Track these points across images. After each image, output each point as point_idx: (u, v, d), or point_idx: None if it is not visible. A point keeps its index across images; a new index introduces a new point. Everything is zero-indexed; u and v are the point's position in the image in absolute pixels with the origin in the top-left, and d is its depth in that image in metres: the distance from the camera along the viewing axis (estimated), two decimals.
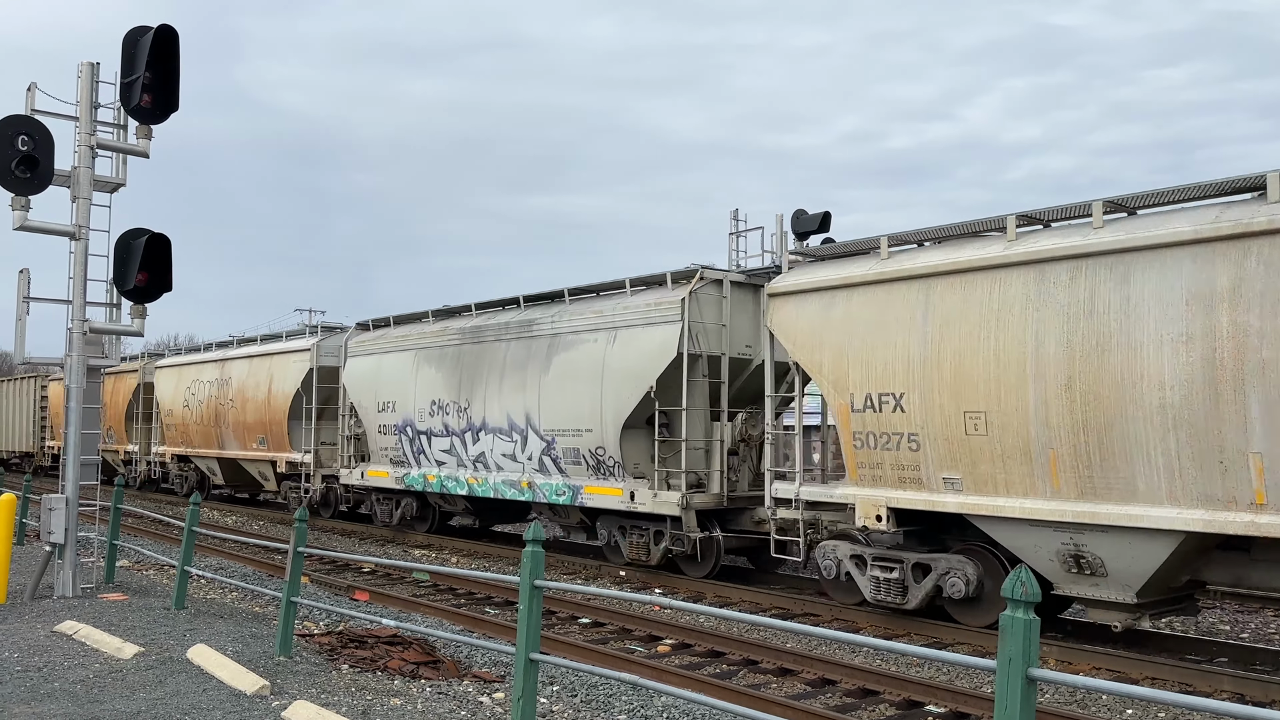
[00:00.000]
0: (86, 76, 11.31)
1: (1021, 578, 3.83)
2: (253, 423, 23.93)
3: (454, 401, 17.55)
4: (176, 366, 28.18)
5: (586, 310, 15.36)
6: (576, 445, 15.16)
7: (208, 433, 25.93)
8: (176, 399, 27.44)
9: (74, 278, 11.24)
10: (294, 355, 22.79)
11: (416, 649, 8.92)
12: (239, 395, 24.53)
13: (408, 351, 19.07)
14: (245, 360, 24.77)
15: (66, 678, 7.59)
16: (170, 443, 28.23)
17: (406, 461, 18.95)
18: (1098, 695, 8.75)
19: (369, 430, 19.85)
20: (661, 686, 5.61)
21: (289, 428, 22.65)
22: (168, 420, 28.04)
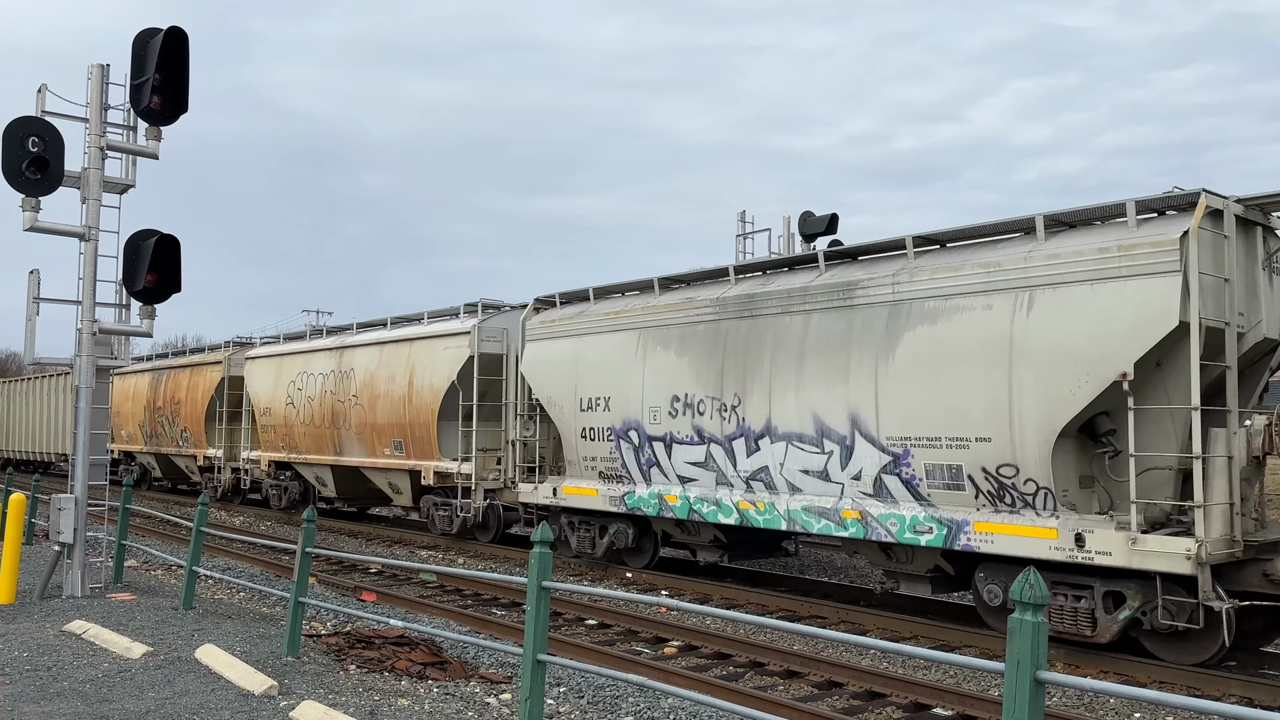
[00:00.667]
0: (96, 78, 11.36)
1: (1030, 580, 3.82)
2: (385, 424, 19.69)
3: (712, 397, 13.14)
4: (276, 357, 23.74)
5: (962, 263, 10.77)
6: (955, 461, 10.60)
7: (319, 436, 21.76)
8: (277, 395, 23.20)
9: (83, 279, 11.28)
10: (446, 340, 18.44)
11: (424, 650, 8.94)
12: (365, 390, 20.22)
13: (627, 332, 14.54)
14: (373, 348, 20.39)
15: (75, 677, 7.62)
16: (267, 447, 23.92)
17: (626, 476, 14.47)
18: (1105, 698, 8.73)
19: (565, 435, 15.50)
20: (668, 688, 5.61)
21: (438, 430, 18.40)
22: (264, 421, 23.72)
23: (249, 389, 24.72)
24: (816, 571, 16.44)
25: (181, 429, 28.10)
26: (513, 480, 17.00)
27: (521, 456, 16.98)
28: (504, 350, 17.73)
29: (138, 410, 30.72)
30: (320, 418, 21.63)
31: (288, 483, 23.97)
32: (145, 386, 30.60)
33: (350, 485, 21.89)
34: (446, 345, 18.42)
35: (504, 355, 17.71)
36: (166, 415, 28.85)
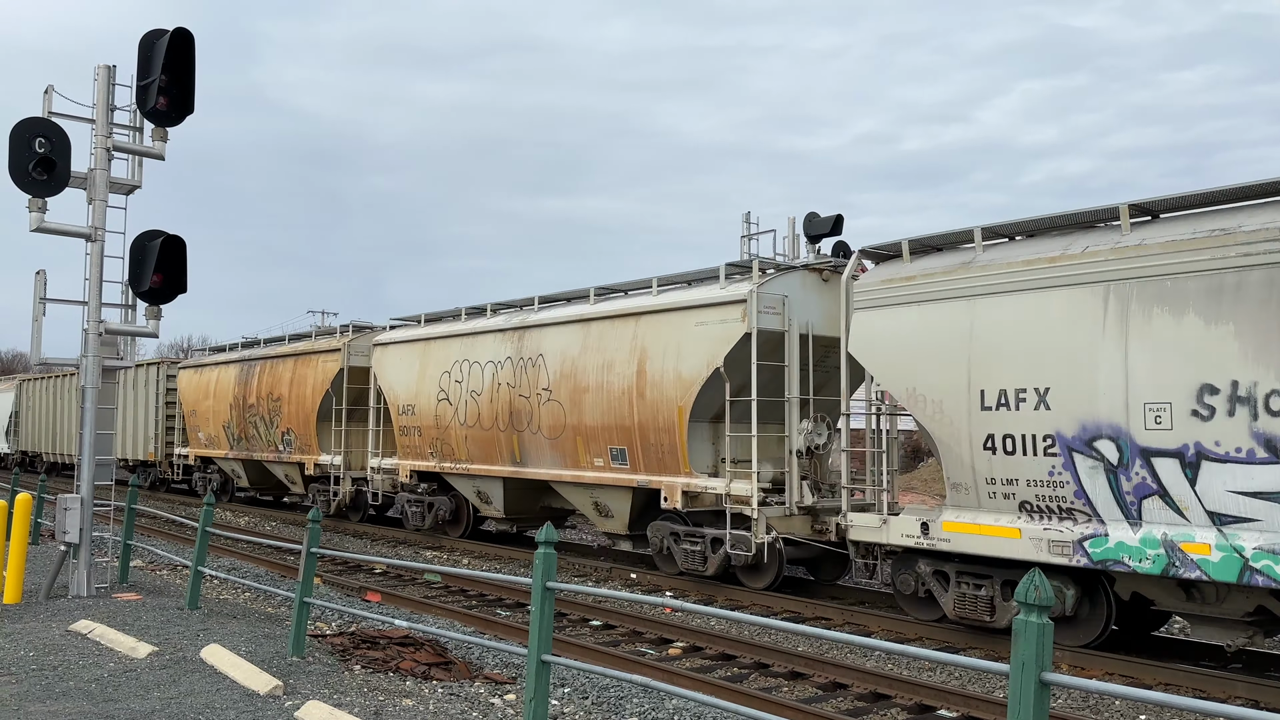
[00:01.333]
0: (103, 79, 11.39)
1: (1035, 582, 3.82)
2: (598, 426, 15.02)
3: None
4: (419, 342, 19.18)
5: None
6: None
7: (488, 441, 17.29)
8: (423, 390, 18.72)
9: (90, 279, 11.32)
10: (703, 314, 13.66)
11: (428, 650, 8.95)
12: (564, 383, 15.60)
13: (1076, 288, 9.83)
14: (574, 328, 15.73)
15: (81, 676, 7.64)
16: (408, 453, 19.36)
17: (1083, 512, 9.73)
18: (1110, 700, 8.71)
19: (948, 445, 10.79)
20: (673, 689, 5.61)
21: (689, 434, 13.83)
22: (404, 422, 19.24)
23: (381, 382, 20.15)
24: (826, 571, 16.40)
25: (282, 431, 23.37)
26: (807, 506, 13.15)
27: (817, 472, 13.26)
28: (784, 325, 13.38)
29: (220, 409, 26.07)
30: (491, 418, 17.10)
31: (433, 497, 19.58)
32: (231, 381, 25.76)
33: (525, 503, 17.67)
34: (702, 320, 13.60)
35: (785, 332, 13.40)
36: (262, 415, 24.21)
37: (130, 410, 30.89)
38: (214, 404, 26.43)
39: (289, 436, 23.29)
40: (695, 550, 13.95)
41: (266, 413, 24.06)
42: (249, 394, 24.78)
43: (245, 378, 25.13)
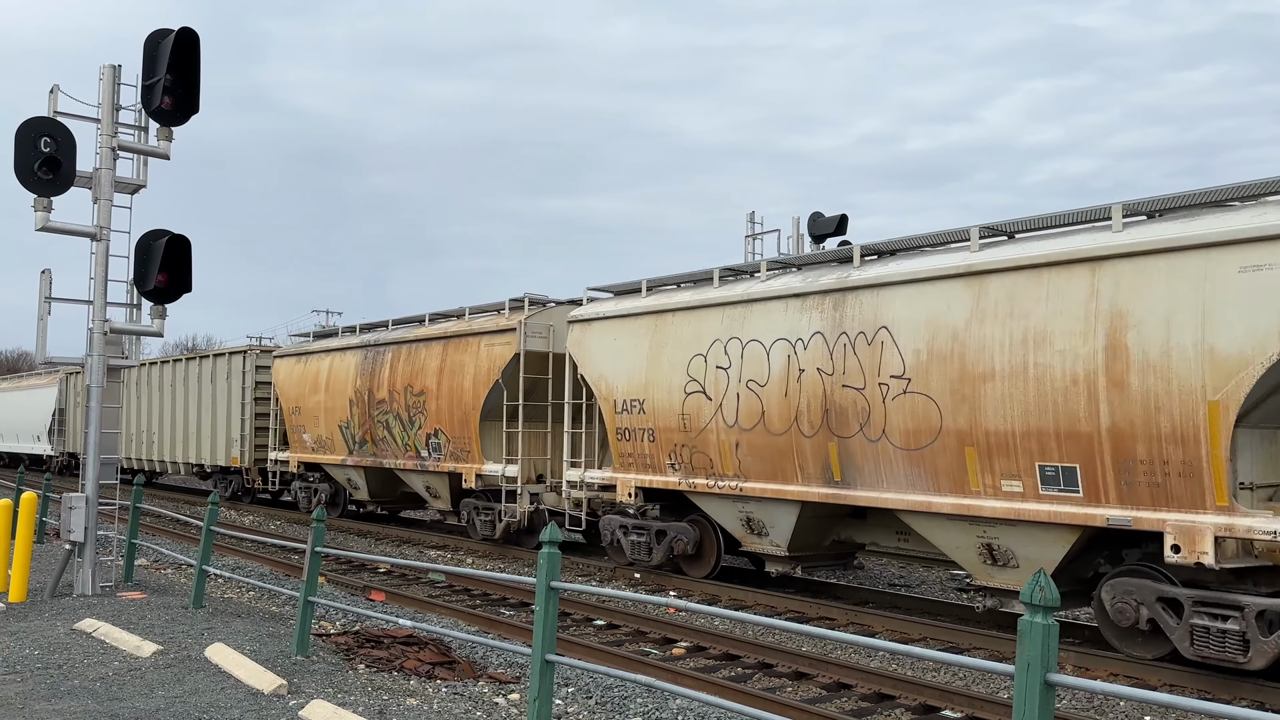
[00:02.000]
0: (108, 79, 11.41)
1: (1040, 582, 3.81)
2: (1008, 432, 10.00)
3: None
4: (650, 316, 14.40)
5: None
6: None
7: (776, 450, 12.52)
8: (659, 379, 14.08)
9: (95, 278, 11.34)
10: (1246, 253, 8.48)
11: (432, 649, 8.95)
12: (934, 366, 10.65)
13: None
14: (942, 286, 10.80)
15: (86, 675, 7.65)
16: (631, 464, 14.64)
17: None
18: (1115, 701, 8.70)
19: None
20: (677, 689, 5.61)
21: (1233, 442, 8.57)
22: (626, 423, 14.57)
23: (585, 370, 15.35)
24: (824, 572, 16.40)
25: (428, 433, 18.74)
26: None
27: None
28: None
29: (336, 405, 21.40)
30: (782, 417, 12.40)
31: (666, 523, 14.46)
32: (351, 371, 20.99)
33: (814, 537, 13.13)
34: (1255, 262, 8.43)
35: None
36: (397, 413, 19.57)
37: (206, 407, 26.61)
38: (326, 399, 21.73)
39: (436, 440, 18.54)
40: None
41: (404, 410, 19.32)
42: (377, 387, 20.09)
43: (372, 367, 20.39)
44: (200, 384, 27.08)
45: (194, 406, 27.34)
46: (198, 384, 27.22)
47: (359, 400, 20.66)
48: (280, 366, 23.76)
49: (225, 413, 25.82)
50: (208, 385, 26.73)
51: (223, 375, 26.16)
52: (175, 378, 28.51)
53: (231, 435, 25.55)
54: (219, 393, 26.19)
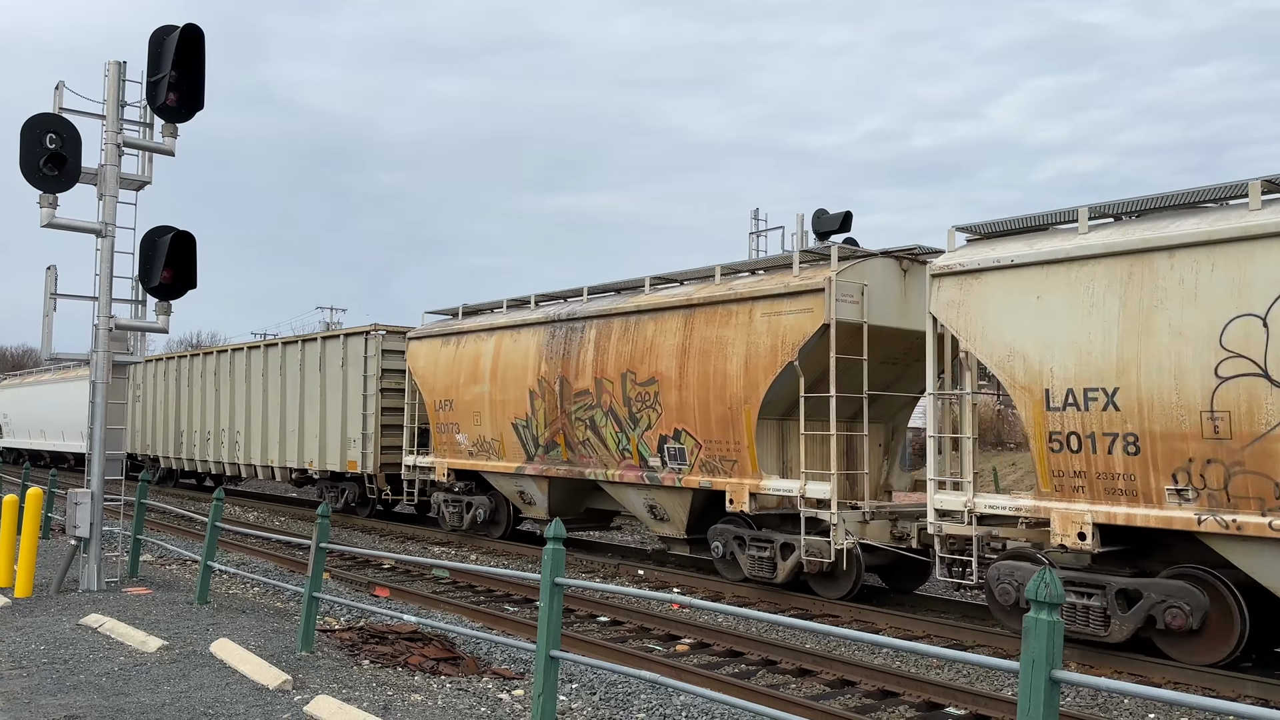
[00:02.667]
0: (113, 75, 11.43)
1: (1045, 579, 3.82)
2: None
3: None
4: (1113, 260, 9.53)
5: None
6: None
7: None
8: (1147, 356, 9.25)
9: (100, 275, 11.36)
10: None
11: (437, 645, 8.97)
12: None
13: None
14: None
15: (92, 670, 7.68)
16: (1076, 487, 9.77)
17: None
18: (1119, 698, 8.69)
19: None
20: (681, 685, 5.62)
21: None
22: (1066, 422, 9.79)
23: (979, 345, 10.60)
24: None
25: (663, 435, 14.18)
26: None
27: None
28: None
29: (509, 397, 16.77)
30: None
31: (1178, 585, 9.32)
32: (531, 353, 16.39)
33: None
34: None
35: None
36: (611, 408, 15.07)
37: (312, 401, 22.50)
38: (492, 391, 17.12)
39: (678, 445, 14.03)
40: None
41: (621, 404, 14.85)
42: (574, 374, 15.49)
43: (564, 348, 15.76)
44: (304, 373, 22.84)
45: (293, 400, 23.22)
46: (299, 373, 22.96)
47: (544, 391, 15.93)
48: (420, 351, 19.18)
49: (339, 407, 21.52)
50: (313, 374, 22.59)
51: (334, 362, 21.85)
52: (267, 366, 24.25)
53: (348, 435, 21.29)
54: (329, 383, 22.00)
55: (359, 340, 21.24)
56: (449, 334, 18.48)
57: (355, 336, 21.43)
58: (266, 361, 24.45)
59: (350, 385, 21.27)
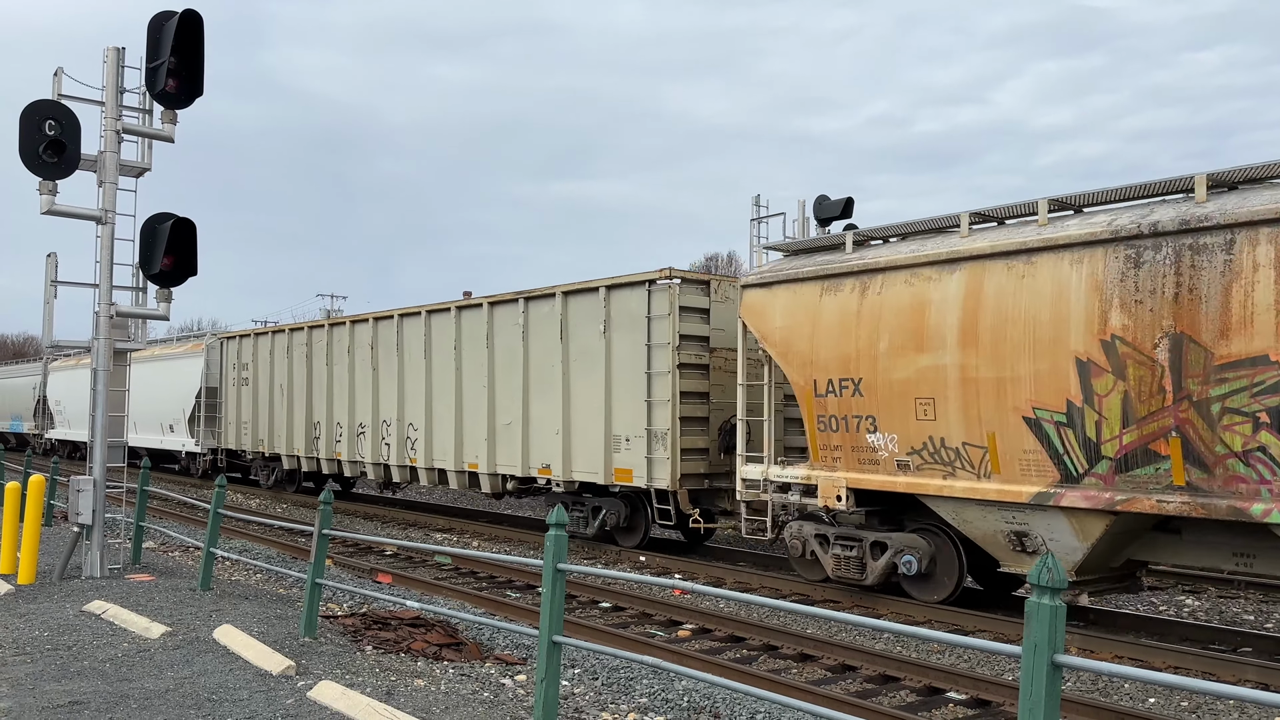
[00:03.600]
0: (112, 61, 11.39)
1: (1047, 564, 3.82)
2: None
3: None
4: None
5: None
6: None
7: None
8: None
9: (100, 262, 11.35)
10: None
11: (439, 631, 9.00)
12: None
13: None
14: None
15: (96, 656, 7.70)
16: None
17: None
18: (1120, 683, 8.72)
19: None
20: (683, 670, 5.63)
21: None
22: None
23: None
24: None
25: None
26: None
27: None
28: None
29: (1025, 368, 10.01)
30: None
31: None
32: (1079, 288, 9.54)
33: None
34: None
35: None
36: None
37: (550, 380, 16.28)
38: (968, 362, 10.49)
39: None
40: None
41: None
42: (1216, 328, 8.85)
43: (1174, 284, 9.11)
44: (529, 343, 16.67)
45: (509, 381, 17.06)
46: (521, 344, 16.74)
47: (1122, 362, 9.31)
48: (775, 304, 12.58)
49: (600, 391, 15.31)
50: (547, 344, 16.32)
51: (588, 326, 15.64)
52: (461, 336, 18.28)
53: (615, 431, 15.13)
54: (579, 356, 15.83)
55: (636, 293, 14.90)
56: (840, 274, 11.89)
57: (628, 289, 15.07)
58: (460, 330, 18.30)
59: (620, 359, 15.15)
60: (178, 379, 28.21)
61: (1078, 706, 7.57)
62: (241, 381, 25.67)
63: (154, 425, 28.55)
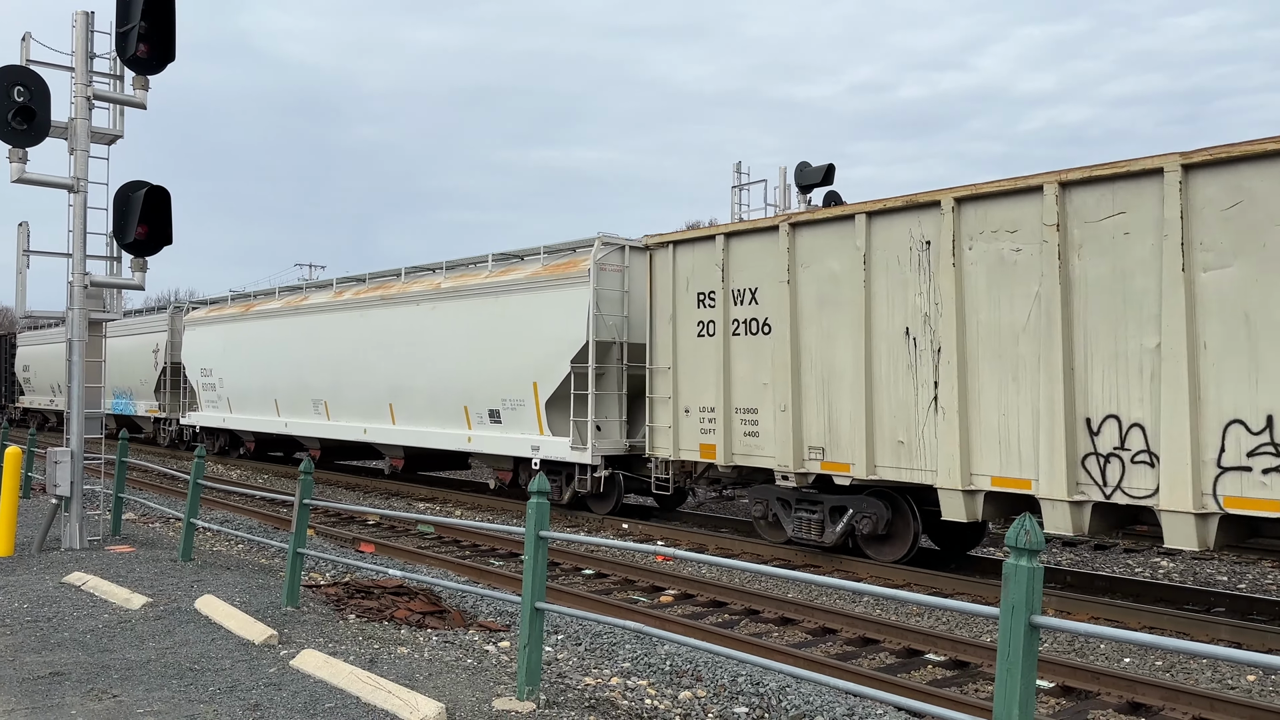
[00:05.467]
0: (81, 26, 11.16)
1: (1025, 526, 3.85)
2: None
3: None
4: None
5: None
6: None
7: None
8: None
9: (73, 231, 11.18)
10: None
11: (422, 599, 9.01)
12: None
13: None
14: None
15: (76, 627, 7.68)
16: None
17: None
18: (1096, 644, 8.85)
19: None
20: (665, 634, 5.66)
21: None
22: None
23: None
24: None
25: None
26: None
27: None
28: None
29: None
30: None
31: None
32: None
33: None
34: None
35: None
36: None
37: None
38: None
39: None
40: None
41: None
42: None
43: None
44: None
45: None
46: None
47: None
48: None
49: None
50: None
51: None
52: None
53: None
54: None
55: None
56: None
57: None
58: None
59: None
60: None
61: (1055, 666, 7.68)
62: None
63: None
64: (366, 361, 19.84)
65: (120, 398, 31.77)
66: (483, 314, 17.10)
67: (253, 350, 24.22)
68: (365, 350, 19.89)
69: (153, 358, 29.63)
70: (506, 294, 16.78)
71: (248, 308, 25.12)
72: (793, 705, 6.21)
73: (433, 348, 18.11)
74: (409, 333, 18.76)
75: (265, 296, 25.53)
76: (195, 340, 27.07)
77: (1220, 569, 12.71)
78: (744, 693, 6.47)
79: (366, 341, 19.84)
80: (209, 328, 26.50)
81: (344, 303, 20.93)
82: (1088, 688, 7.43)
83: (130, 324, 31.07)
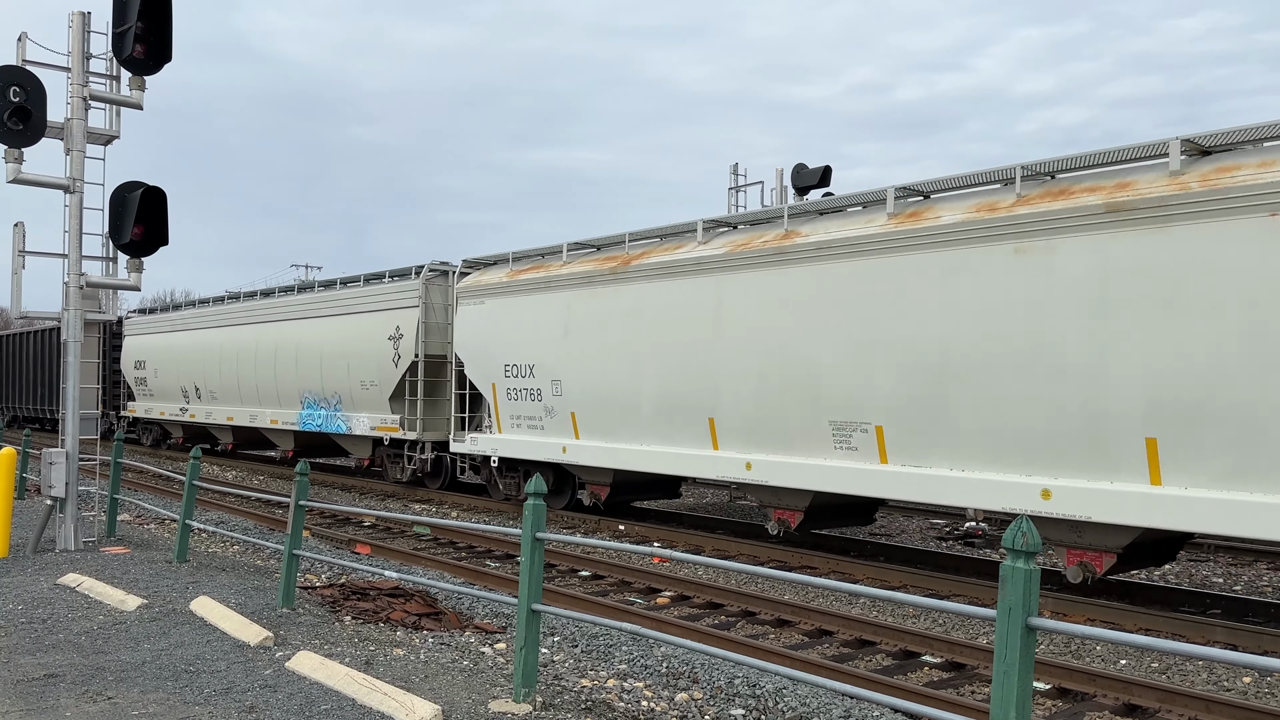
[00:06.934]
0: (78, 26, 11.14)
1: (1022, 528, 3.85)
2: None
3: None
4: None
5: None
6: None
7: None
8: None
9: (69, 231, 11.16)
10: None
11: (418, 601, 8.99)
12: None
13: None
14: None
15: (71, 629, 7.66)
16: None
17: None
18: (1092, 645, 8.85)
19: None
20: (661, 636, 5.66)
21: None
22: None
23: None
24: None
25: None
26: None
27: None
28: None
29: None
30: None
31: None
32: None
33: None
34: None
35: None
36: None
37: None
38: None
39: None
40: None
41: None
42: None
43: None
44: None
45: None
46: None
47: None
48: None
49: None
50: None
51: None
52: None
53: None
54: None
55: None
56: None
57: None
58: None
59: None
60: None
61: (1051, 668, 7.69)
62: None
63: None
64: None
65: (313, 406, 21.96)
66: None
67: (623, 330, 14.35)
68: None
69: (389, 347, 19.42)
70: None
71: (553, 268, 15.84)
72: (789, 707, 6.21)
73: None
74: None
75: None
76: (486, 318, 17.03)
77: (1216, 571, 12.74)
78: (741, 694, 6.47)
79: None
80: (527, 298, 16.12)
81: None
82: (1084, 689, 7.44)
83: (335, 299, 21.45)
